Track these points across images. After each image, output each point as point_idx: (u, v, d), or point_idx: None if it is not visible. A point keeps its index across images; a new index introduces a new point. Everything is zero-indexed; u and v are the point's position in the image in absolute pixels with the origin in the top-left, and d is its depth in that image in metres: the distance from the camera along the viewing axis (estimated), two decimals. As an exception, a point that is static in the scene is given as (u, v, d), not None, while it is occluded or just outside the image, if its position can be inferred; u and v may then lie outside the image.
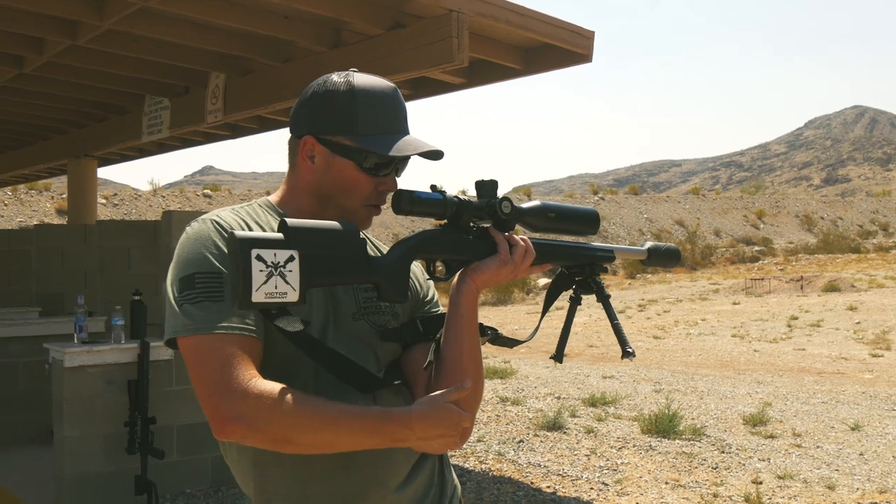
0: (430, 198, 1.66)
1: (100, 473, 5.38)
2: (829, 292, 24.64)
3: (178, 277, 1.58)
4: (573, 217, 1.86)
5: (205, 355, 1.51)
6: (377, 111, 1.69)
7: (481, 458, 6.83)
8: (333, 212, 1.72)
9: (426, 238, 1.69)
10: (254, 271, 1.42)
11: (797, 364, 12.68)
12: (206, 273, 1.56)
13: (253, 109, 6.76)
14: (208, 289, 1.55)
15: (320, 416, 1.49)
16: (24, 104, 8.56)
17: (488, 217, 1.74)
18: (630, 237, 45.17)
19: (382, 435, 1.53)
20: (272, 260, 1.44)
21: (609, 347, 14.64)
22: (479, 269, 1.72)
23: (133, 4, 5.13)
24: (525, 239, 1.78)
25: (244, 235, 1.45)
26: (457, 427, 1.57)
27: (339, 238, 1.56)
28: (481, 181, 1.74)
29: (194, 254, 1.58)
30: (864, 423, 8.15)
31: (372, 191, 1.71)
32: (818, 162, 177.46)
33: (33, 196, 35.07)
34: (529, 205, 1.80)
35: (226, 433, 1.49)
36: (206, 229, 1.62)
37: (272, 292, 1.43)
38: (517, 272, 1.75)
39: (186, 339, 1.54)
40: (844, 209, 61.76)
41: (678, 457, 6.84)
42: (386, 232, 38.00)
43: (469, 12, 4.98)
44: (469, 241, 1.73)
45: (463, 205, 1.70)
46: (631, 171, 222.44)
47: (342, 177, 1.70)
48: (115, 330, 5.48)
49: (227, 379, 1.48)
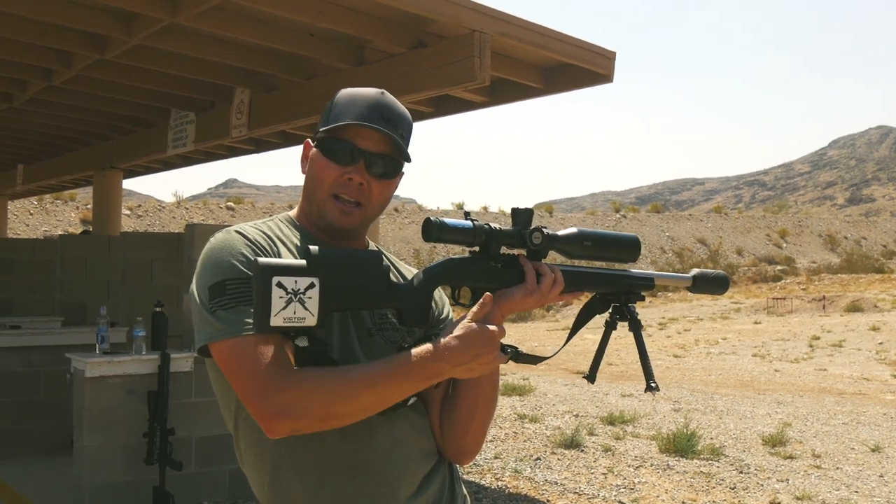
0: (459, 226, 1.66)
1: (118, 483, 5.42)
2: (851, 312, 24.46)
3: (208, 285, 1.62)
4: (612, 244, 1.82)
5: (243, 356, 1.55)
6: (350, 106, 1.74)
7: (498, 475, 6.83)
8: (315, 208, 1.77)
9: (452, 266, 1.70)
10: (273, 297, 1.46)
11: (818, 384, 12.59)
12: (236, 280, 1.61)
13: (277, 125, 6.84)
14: (239, 293, 1.59)
15: (356, 381, 1.54)
16: (52, 116, 8.69)
17: (519, 245, 1.74)
18: (651, 255, 45.00)
19: (419, 375, 1.55)
20: (293, 287, 1.48)
21: (629, 366, 14.59)
22: (505, 297, 1.71)
23: (161, 21, 5.21)
24: (556, 268, 1.76)
25: (266, 262, 1.48)
26: (490, 342, 1.57)
27: (362, 265, 1.59)
28: (517, 209, 1.74)
29: (223, 262, 1.63)
30: (884, 445, 8.08)
31: (336, 179, 1.73)
32: (842, 181, 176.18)
33: (58, 206, 35.42)
34: (565, 232, 1.78)
35: (275, 430, 1.53)
36: (232, 239, 1.67)
37: (290, 317, 1.47)
38: (544, 301, 1.74)
39: (222, 344, 1.58)
40: (868, 229, 61.28)
41: (696, 476, 6.81)
42: (407, 247, 38.09)
43: (491, 32, 5.03)
44: (496, 270, 1.73)
45: (493, 234, 1.70)
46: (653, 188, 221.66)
47: (314, 168, 1.76)
48: (137, 341, 5.54)
49: (263, 377, 1.52)
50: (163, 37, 5.60)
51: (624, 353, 16.11)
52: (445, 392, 1.80)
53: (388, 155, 1.75)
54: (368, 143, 1.73)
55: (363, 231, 1.85)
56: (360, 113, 1.72)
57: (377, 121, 1.72)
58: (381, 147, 1.74)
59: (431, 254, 36.60)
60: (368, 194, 1.75)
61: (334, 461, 1.66)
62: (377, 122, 1.72)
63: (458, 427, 1.80)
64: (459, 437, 1.81)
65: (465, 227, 1.67)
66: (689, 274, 1.98)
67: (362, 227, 1.81)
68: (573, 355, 15.84)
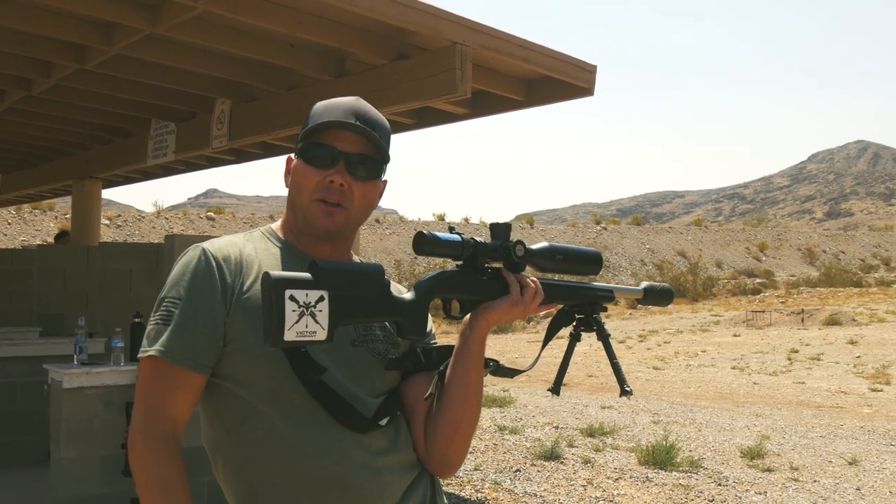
0: (449, 241, 1.73)
1: (95, 495, 5.37)
2: (829, 326, 24.60)
3: (158, 297, 1.73)
4: (579, 258, 1.93)
5: (143, 376, 1.68)
6: (326, 112, 1.77)
7: (478, 487, 6.82)
8: (298, 215, 1.79)
9: (444, 279, 1.76)
10: (287, 311, 1.46)
11: (796, 397, 12.65)
12: (171, 298, 1.69)
13: (257, 135, 6.82)
14: (167, 313, 1.68)
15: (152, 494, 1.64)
16: (31, 125, 8.63)
17: (501, 259, 1.82)
18: (632, 267, 45.15)
19: None
20: (304, 300, 1.48)
21: (608, 378, 14.61)
22: (491, 308, 1.80)
23: (141, 31, 5.20)
24: (535, 280, 1.85)
25: (278, 276, 1.49)
26: None
27: (366, 279, 1.61)
28: (496, 224, 1.83)
29: (172, 279, 1.72)
30: (861, 458, 8.13)
31: (318, 183, 1.74)
32: (821, 196, 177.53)
33: (37, 216, 35.16)
34: (539, 246, 1.88)
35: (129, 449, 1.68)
36: (191, 257, 1.73)
37: (303, 331, 1.48)
38: (526, 311, 1.83)
39: (141, 359, 1.70)
40: (847, 243, 61.73)
41: (675, 489, 6.83)
42: (388, 258, 38.02)
43: (472, 45, 5.04)
44: (483, 282, 1.80)
45: (479, 247, 1.77)
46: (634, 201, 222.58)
47: (296, 176, 1.78)
48: (115, 352, 5.50)
49: (144, 405, 1.68)
50: (143, 47, 5.58)
51: (604, 365, 16.13)
52: (430, 405, 1.81)
53: (368, 156, 1.77)
54: (347, 145, 1.74)
55: (349, 236, 1.85)
56: (336, 116, 1.75)
57: (354, 121, 1.75)
58: (359, 147, 1.75)
59: (413, 265, 36.56)
60: (350, 196, 1.76)
61: (312, 475, 1.65)
62: (352, 122, 1.75)
63: (443, 439, 1.81)
64: (443, 448, 1.81)
65: (455, 241, 1.73)
66: (640, 287, 2.14)
67: (347, 230, 1.81)
68: (552, 367, 15.81)
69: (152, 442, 1.64)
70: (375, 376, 1.77)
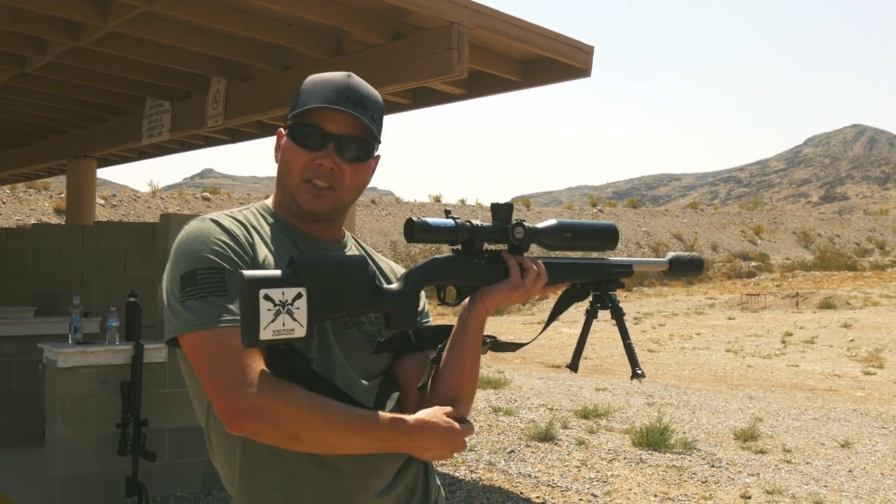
0: (441, 226, 1.66)
1: (91, 474, 5.39)
2: (824, 309, 24.69)
3: (180, 275, 1.60)
4: (591, 234, 1.83)
5: (215, 348, 1.53)
6: (316, 90, 1.73)
7: (472, 468, 6.84)
8: (287, 195, 1.75)
9: (437, 266, 1.70)
10: (261, 311, 1.43)
11: (790, 380, 12.70)
12: (208, 269, 1.58)
13: (253, 115, 6.80)
14: (211, 283, 1.57)
15: (334, 417, 1.53)
16: (25, 103, 8.59)
17: (502, 241, 1.74)
18: (627, 250, 45.21)
19: (386, 441, 1.58)
20: (280, 298, 1.45)
21: (604, 360, 14.66)
22: (490, 293, 1.73)
23: (136, 8, 5.16)
24: (538, 262, 1.77)
25: (252, 275, 1.46)
26: (454, 443, 1.64)
27: (347, 272, 1.57)
28: (497, 204, 1.74)
29: (195, 251, 1.61)
30: (854, 441, 8.17)
31: (307, 164, 1.71)
32: (817, 179, 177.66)
33: (32, 195, 35.09)
34: (545, 224, 1.79)
35: (239, 427, 1.50)
36: (206, 227, 1.65)
37: (279, 329, 1.45)
38: (528, 295, 1.76)
39: (192, 335, 1.55)
40: (842, 227, 61.86)
41: (668, 470, 6.85)
42: (384, 239, 38.04)
43: (469, 24, 5.02)
44: (480, 267, 1.73)
45: (475, 231, 1.70)
46: (630, 184, 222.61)
47: (285, 155, 1.75)
48: (110, 331, 5.50)
49: (242, 372, 1.50)
50: (138, 24, 5.54)
51: (599, 347, 16.19)
52: (425, 386, 1.78)
53: (359, 137, 1.73)
54: (337, 127, 1.71)
55: (339, 216, 1.82)
56: (326, 97, 1.71)
57: (344, 103, 1.70)
58: (350, 129, 1.72)
59: (409, 247, 36.57)
60: (340, 178, 1.72)
61: (305, 456, 1.64)
62: (344, 104, 1.70)
63: None
64: None
65: (448, 226, 1.66)
66: (665, 258, 2.00)
67: (337, 212, 1.79)
68: (548, 349, 15.90)
69: (268, 393, 1.49)
70: (367, 359, 1.75)
